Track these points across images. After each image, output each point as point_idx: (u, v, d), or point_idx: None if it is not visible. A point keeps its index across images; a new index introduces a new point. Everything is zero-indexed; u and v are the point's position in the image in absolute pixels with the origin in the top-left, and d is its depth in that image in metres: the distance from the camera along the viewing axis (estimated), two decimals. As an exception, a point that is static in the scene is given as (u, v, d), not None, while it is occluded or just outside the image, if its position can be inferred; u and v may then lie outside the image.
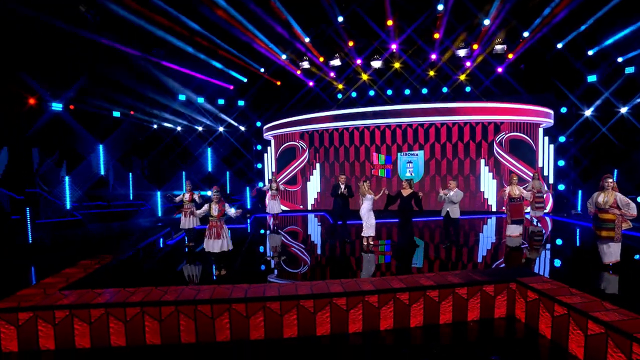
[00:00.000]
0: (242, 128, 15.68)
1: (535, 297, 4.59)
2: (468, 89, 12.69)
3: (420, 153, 13.03)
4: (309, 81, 13.73)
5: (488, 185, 12.59)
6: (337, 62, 12.70)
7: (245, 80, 14.04)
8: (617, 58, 10.80)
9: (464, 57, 12.00)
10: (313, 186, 14.16)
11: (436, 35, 11.57)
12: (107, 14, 9.56)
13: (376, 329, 4.69)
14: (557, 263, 6.98)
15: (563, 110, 12.22)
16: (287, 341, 4.51)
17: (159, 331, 4.44)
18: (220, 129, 15.78)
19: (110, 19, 9.71)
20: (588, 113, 11.86)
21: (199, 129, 15.85)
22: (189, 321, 4.46)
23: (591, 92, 11.61)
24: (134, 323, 4.42)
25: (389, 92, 13.39)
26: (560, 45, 11.29)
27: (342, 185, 8.08)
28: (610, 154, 11.34)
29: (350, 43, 12.34)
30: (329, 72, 13.28)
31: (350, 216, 8.42)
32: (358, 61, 12.80)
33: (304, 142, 14.06)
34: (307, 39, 12.12)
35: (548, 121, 12.22)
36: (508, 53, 11.77)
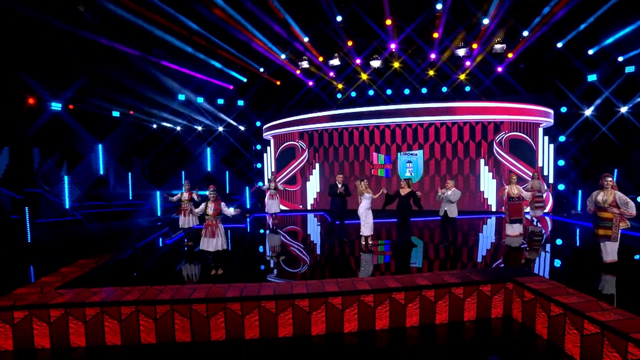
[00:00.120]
0: (242, 128, 15.69)
1: (531, 297, 4.57)
2: (468, 89, 12.66)
3: (419, 153, 13.00)
4: (309, 81, 13.72)
5: (488, 185, 12.55)
6: (337, 62, 12.68)
7: (244, 80, 14.05)
8: (618, 57, 10.74)
9: (464, 57, 11.97)
10: (312, 186, 14.15)
11: (435, 34, 11.54)
12: (106, 14, 9.58)
13: (372, 329, 4.67)
14: (556, 263, 6.94)
15: (563, 109, 12.18)
16: (282, 340, 4.50)
17: (154, 330, 4.44)
18: (219, 129, 15.80)
19: (109, 19, 9.73)
20: (588, 112, 11.81)
21: (199, 129, 15.87)
22: (184, 320, 4.45)
23: (591, 92, 11.56)
24: (129, 322, 4.41)
25: (389, 92, 13.37)
26: (560, 44, 11.25)
27: (340, 184, 8.06)
28: (610, 154, 11.30)
29: (349, 43, 12.32)
30: (329, 72, 13.27)
31: (348, 216, 8.40)
32: (357, 61, 12.78)
33: (304, 142, 14.04)
34: (306, 39, 12.10)
35: (548, 121, 12.17)
36: (508, 52, 11.73)
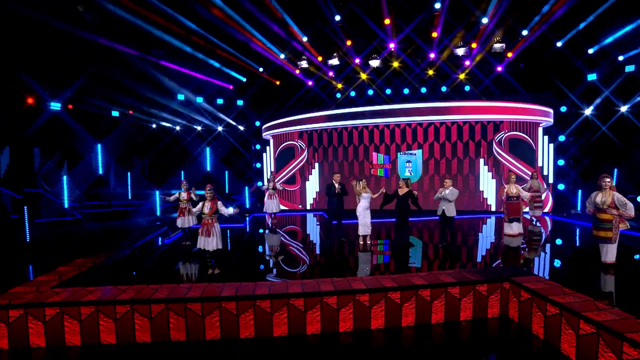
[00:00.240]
0: (241, 128, 15.69)
1: (528, 297, 4.55)
2: (467, 88, 12.62)
3: (418, 152, 12.97)
4: (308, 80, 13.71)
5: (487, 184, 12.52)
6: (336, 62, 12.66)
7: (244, 79, 14.05)
8: (618, 56, 10.69)
9: (463, 56, 11.94)
10: (312, 186, 14.14)
11: (434, 34, 11.51)
12: (106, 14, 9.60)
13: (367, 328, 4.66)
14: (554, 263, 6.91)
15: (563, 109, 12.13)
16: (277, 340, 4.49)
17: (149, 329, 4.44)
18: (219, 129, 15.80)
19: (108, 19, 9.74)
20: (588, 112, 11.76)
21: (198, 129, 15.88)
22: (179, 319, 4.45)
23: (591, 91, 11.50)
24: (124, 321, 4.41)
25: (388, 92, 13.34)
26: (559, 43, 11.20)
27: (337, 184, 8.04)
28: (610, 153, 11.25)
29: (348, 42, 12.31)
30: (328, 72, 13.26)
31: (345, 215, 8.38)
32: (356, 60, 12.77)
33: (303, 142, 14.04)
34: (305, 39, 12.10)
35: (548, 120, 12.13)
36: (507, 52, 11.70)
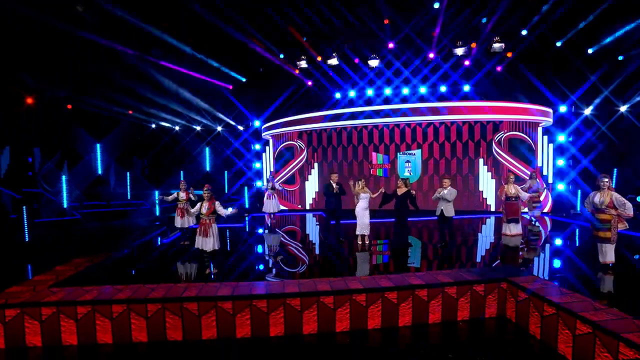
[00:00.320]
0: (241, 128, 15.69)
1: (525, 297, 4.53)
2: (467, 88, 12.60)
3: (418, 152, 12.96)
4: (308, 80, 13.71)
5: (487, 184, 12.49)
6: (335, 62, 12.66)
7: (243, 79, 14.06)
8: (618, 56, 10.68)
9: (462, 56, 11.92)
10: (311, 186, 14.13)
11: (433, 33, 11.51)
12: (105, 14, 9.61)
13: (364, 328, 4.65)
14: (553, 263, 6.89)
15: (563, 109, 12.11)
16: (274, 339, 4.48)
17: (146, 329, 4.44)
18: (218, 129, 15.81)
19: (108, 19, 9.76)
20: (587, 112, 11.74)
21: (197, 129, 15.89)
22: (176, 318, 4.45)
23: (591, 91, 11.49)
24: (121, 320, 4.41)
25: (387, 92, 13.33)
26: (559, 43, 11.19)
27: (334, 184, 8.03)
28: (609, 153, 11.22)
29: (347, 42, 12.31)
30: (327, 71, 13.25)
31: (343, 215, 8.36)
32: (356, 60, 12.76)
33: (303, 142, 14.03)
34: (305, 38, 12.10)
35: (547, 120, 12.11)
36: (507, 51, 11.68)
